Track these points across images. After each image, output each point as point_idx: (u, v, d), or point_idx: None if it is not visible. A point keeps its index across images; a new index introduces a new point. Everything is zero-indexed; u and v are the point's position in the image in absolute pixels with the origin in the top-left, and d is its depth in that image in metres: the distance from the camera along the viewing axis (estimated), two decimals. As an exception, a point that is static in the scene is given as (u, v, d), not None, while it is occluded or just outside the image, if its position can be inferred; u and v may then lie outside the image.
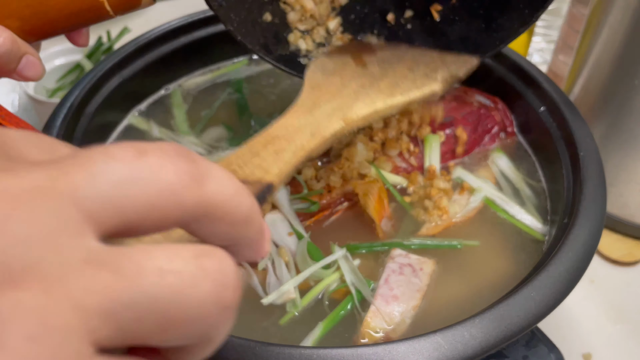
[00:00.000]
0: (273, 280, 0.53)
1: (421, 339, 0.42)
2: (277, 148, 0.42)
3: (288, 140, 0.43)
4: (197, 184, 0.22)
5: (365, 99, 0.51)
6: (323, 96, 0.51)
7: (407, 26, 0.62)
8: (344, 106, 0.50)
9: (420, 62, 0.59)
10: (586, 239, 0.51)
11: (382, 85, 0.54)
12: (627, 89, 0.67)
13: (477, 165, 0.68)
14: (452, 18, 0.61)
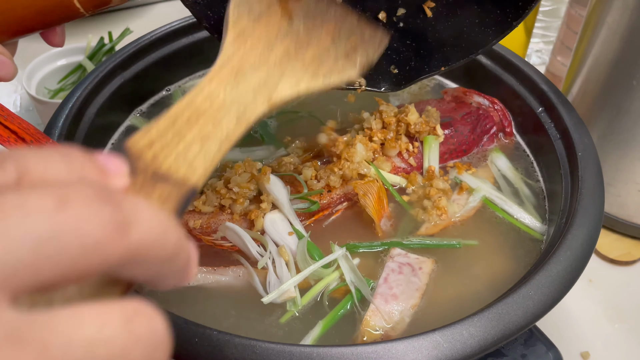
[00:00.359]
0: (273, 279, 0.54)
1: (420, 337, 0.42)
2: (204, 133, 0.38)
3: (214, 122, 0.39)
4: (121, 234, 0.20)
5: (290, 76, 0.48)
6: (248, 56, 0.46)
7: (399, 24, 0.60)
8: (269, 82, 0.46)
9: (342, 31, 0.57)
10: (584, 238, 0.51)
11: (307, 58, 0.51)
12: (625, 90, 0.68)
13: (476, 165, 0.68)
14: (446, 14, 0.59)
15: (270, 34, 0.51)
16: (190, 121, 0.38)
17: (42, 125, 0.94)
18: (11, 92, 1.08)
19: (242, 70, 0.45)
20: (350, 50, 0.55)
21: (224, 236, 0.57)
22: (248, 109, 0.43)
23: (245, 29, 0.49)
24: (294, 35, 0.52)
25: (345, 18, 0.58)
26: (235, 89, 0.43)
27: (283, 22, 0.53)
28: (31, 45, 1.20)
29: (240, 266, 0.55)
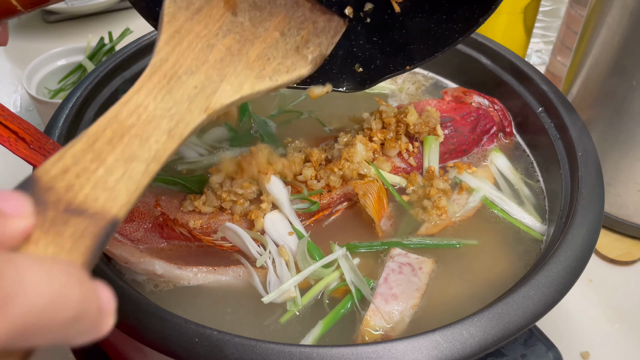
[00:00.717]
0: (273, 279, 0.54)
1: (420, 337, 0.42)
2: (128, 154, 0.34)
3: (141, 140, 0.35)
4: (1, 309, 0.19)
5: (232, 78, 0.44)
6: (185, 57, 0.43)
7: (366, 20, 0.58)
8: (208, 87, 0.42)
9: (293, 22, 0.53)
10: (584, 238, 0.51)
11: (252, 56, 0.47)
12: (625, 90, 0.68)
13: (476, 165, 0.68)
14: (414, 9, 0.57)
15: (210, 31, 0.46)
16: (113, 141, 0.34)
17: (43, 125, 0.94)
18: (11, 92, 1.08)
19: (176, 76, 0.41)
20: (301, 44, 0.52)
21: (224, 236, 0.57)
22: (182, 120, 0.39)
23: (183, 26, 0.45)
24: (237, 30, 0.48)
25: (297, 6, 0.54)
26: (168, 97, 0.39)
27: (226, 16, 0.48)
28: (31, 46, 1.20)
29: (240, 266, 0.55)
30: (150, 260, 0.54)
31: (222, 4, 0.49)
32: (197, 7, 0.47)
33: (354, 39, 0.56)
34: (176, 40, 0.43)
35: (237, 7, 0.50)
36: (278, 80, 0.48)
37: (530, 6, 0.93)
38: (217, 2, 0.49)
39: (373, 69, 0.56)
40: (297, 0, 0.54)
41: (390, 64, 0.56)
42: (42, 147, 0.50)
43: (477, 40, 0.76)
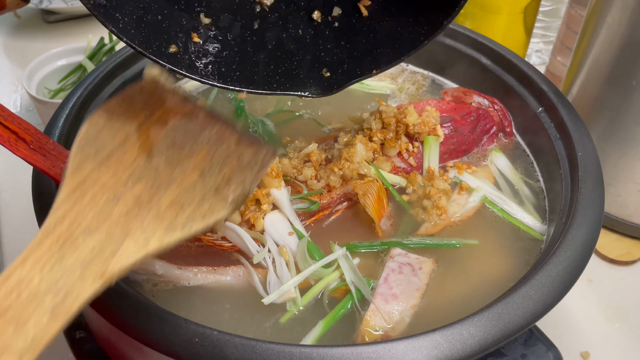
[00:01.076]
0: (273, 280, 0.54)
1: (420, 337, 0.42)
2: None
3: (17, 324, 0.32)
4: None
5: (137, 234, 0.41)
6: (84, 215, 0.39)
7: (334, 24, 0.57)
8: (107, 248, 0.39)
9: (215, 158, 0.49)
10: (584, 238, 0.51)
11: (164, 204, 0.44)
12: (625, 90, 0.68)
13: (476, 165, 0.68)
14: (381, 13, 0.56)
15: (119, 179, 0.43)
16: None
17: (43, 125, 0.94)
18: (11, 92, 1.08)
19: (71, 238, 0.37)
20: (222, 183, 0.48)
21: (224, 236, 0.57)
22: (70, 294, 0.35)
23: (88, 177, 0.42)
24: (150, 176, 0.44)
25: (222, 140, 0.51)
26: (57, 267, 0.35)
27: (139, 160, 0.45)
28: (31, 46, 1.20)
29: (240, 266, 0.55)
30: (150, 260, 0.54)
31: (137, 147, 0.46)
32: (106, 154, 0.44)
33: (322, 44, 0.56)
34: (78, 195, 0.40)
35: (153, 148, 0.46)
36: (192, 229, 0.44)
37: (530, 6, 0.93)
38: (130, 145, 0.45)
39: (340, 74, 0.56)
40: (223, 134, 0.51)
41: (357, 68, 0.55)
42: (42, 147, 0.50)
43: (477, 40, 0.76)
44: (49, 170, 0.50)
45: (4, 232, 0.80)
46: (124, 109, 0.48)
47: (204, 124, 0.51)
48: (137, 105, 0.49)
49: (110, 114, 0.47)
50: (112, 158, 0.44)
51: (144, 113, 0.49)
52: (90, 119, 0.46)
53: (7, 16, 1.30)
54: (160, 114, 0.50)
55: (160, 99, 0.51)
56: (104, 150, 0.44)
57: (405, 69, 0.85)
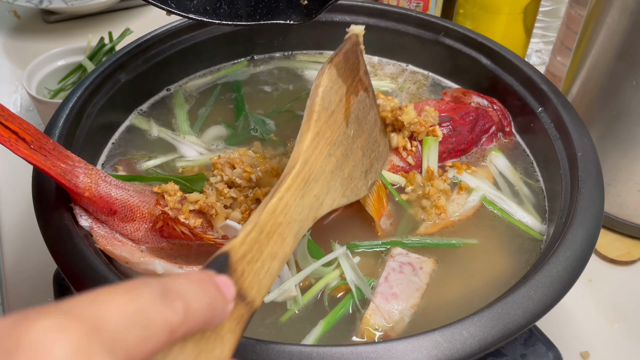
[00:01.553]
0: (274, 279, 0.54)
1: (420, 337, 0.42)
2: (273, 251, 0.37)
3: (281, 240, 0.38)
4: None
5: (332, 193, 0.47)
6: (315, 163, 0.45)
7: None
8: (320, 198, 0.45)
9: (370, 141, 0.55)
10: (584, 238, 0.51)
11: (345, 173, 0.50)
12: (625, 90, 0.68)
13: (476, 165, 0.69)
14: None
15: (333, 138, 0.48)
16: (269, 235, 0.37)
17: (43, 125, 0.94)
18: (11, 92, 1.08)
19: (308, 181, 0.43)
20: (368, 167, 0.55)
21: (225, 235, 0.57)
22: (302, 226, 0.42)
23: (321, 128, 0.47)
24: (345, 143, 0.50)
25: (374, 125, 0.57)
26: (300, 202, 0.42)
27: (342, 126, 0.50)
28: (31, 46, 1.20)
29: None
30: (150, 260, 0.54)
31: (344, 110, 0.51)
32: (332, 110, 0.49)
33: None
34: (315, 143, 0.45)
35: (350, 116, 0.52)
36: (350, 200, 0.50)
37: (530, 6, 0.93)
38: (341, 107, 0.50)
39: (316, 0, 0.62)
40: (377, 119, 0.57)
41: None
42: (42, 147, 0.50)
43: (477, 40, 0.76)
44: (49, 170, 0.50)
45: (4, 232, 0.80)
46: (344, 67, 0.52)
47: (372, 103, 0.57)
48: (349, 65, 0.53)
49: (338, 69, 0.51)
50: (333, 116, 0.49)
51: (351, 76, 0.53)
52: (329, 72, 0.50)
53: (7, 16, 1.30)
54: (357, 82, 0.54)
55: (358, 64, 0.55)
56: (330, 106, 0.49)
57: (405, 69, 0.85)
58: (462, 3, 0.97)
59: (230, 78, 0.83)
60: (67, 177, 0.52)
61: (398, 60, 0.86)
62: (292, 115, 0.77)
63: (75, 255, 0.49)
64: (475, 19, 0.95)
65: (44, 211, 0.53)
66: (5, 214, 0.83)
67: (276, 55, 0.87)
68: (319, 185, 0.44)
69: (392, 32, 0.83)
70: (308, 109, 0.47)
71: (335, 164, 0.48)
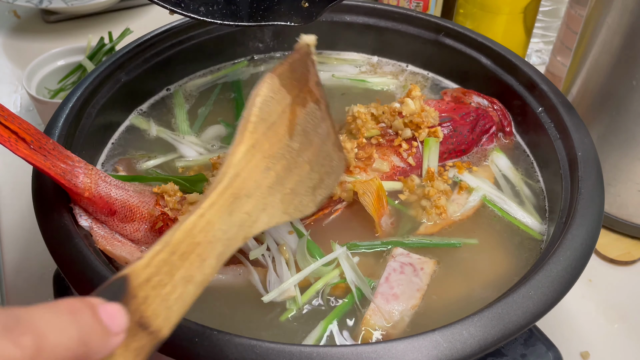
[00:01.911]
0: (273, 278, 0.54)
1: (420, 337, 0.42)
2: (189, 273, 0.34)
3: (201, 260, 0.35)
4: None
5: (269, 209, 0.44)
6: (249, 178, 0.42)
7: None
8: (253, 215, 0.42)
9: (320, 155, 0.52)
10: (584, 238, 0.51)
11: (287, 189, 0.47)
12: (625, 90, 0.68)
13: (476, 165, 0.69)
14: None
15: (272, 151, 0.45)
16: (184, 256, 0.34)
17: (43, 125, 0.94)
18: (11, 92, 1.08)
19: (239, 196, 0.40)
20: (317, 182, 0.51)
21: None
22: (229, 246, 0.38)
23: (258, 140, 0.44)
24: (287, 157, 0.47)
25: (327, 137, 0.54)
26: (227, 219, 0.38)
27: (285, 138, 0.47)
28: (31, 46, 1.20)
29: (240, 265, 0.55)
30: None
31: (287, 122, 0.48)
32: (272, 121, 0.46)
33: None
34: (250, 156, 0.42)
35: (295, 128, 0.49)
36: (292, 218, 0.48)
37: (530, 6, 0.93)
38: (284, 119, 0.48)
39: (317, 3, 0.62)
40: (330, 131, 0.55)
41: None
42: (42, 147, 0.50)
43: (477, 40, 0.76)
44: (49, 170, 0.50)
45: (4, 232, 0.80)
46: (289, 77, 0.50)
47: (323, 115, 0.54)
48: (296, 75, 0.51)
49: (281, 79, 0.49)
50: (273, 127, 0.46)
51: (297, 87, 0.51)
52: (270, 81, 0.47)
53: (7, 16, 1.30)
54: (305, 92, 0.52)
55: (307, 75, 0.53)
56: (271, 117, 0.46)
57: (405, 69, 0.85)
58: (462, 3, 0.97)
59: (230, 78, 0.83)
60: (67, 177, 0.52)
61: (398, 60, 0.86)
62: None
63: (75, 255, 0.49)
64: (475, 19, 0.95)
65: (44, 211, 0.53)
66: (5, 214, 0.83)
67: (276, 55, 0.87)
68: (252, 201, 0.41)
69: (392, 32, 0.83)
70: (243, 120, 0.44)
71: (275, 179, 0.45)
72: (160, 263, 0.32)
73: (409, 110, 0.66)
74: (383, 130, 0.68)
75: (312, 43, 0.55)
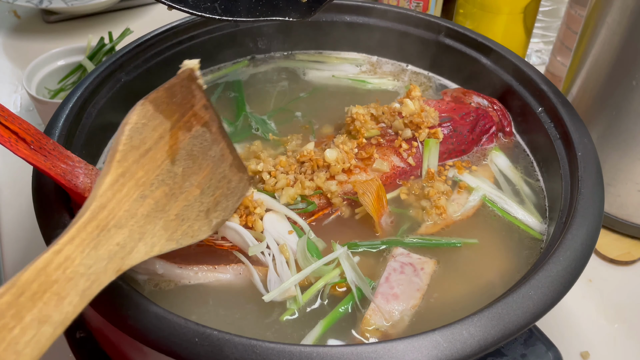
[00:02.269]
0: (274, 278, 0.54)
1: (420, 337, 0.43)
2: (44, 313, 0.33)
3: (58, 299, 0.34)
4: None
5: (148, 238, 0.43)
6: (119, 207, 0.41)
7: None
8: (127, 245, 0.41)
9: (214, 178, 0.52)
10: (584, 238, 0.51)
11: (172, 215, 0.46)
12: (625, 90, 0.68)
13: (476, 165, 0.69)
14: None
15: (148, 179, 0.44)
16: (35, 296, 0.32)
17: (43, 125, 0.94)
18: (11, 92, 1.08)
19: (106, 228, 0.39)
20: (212, 206, 0.51)
21: (224, 236, 0.57)
22: (96, 281, 0.37)
23: (129, 168, 0.43)
24: (169, 182, 0.46)
25: (222, 160, 0.53)
26: (93, 253, 0.37)
27: (165, 163, 0.47)
28: (31, 46, 1.20)
29: (240, 264, 0.55)
30: (150, 259, 0.54)
31: (167, 147, 0.47)
32: (146, 148, 0.45)
33: None
34: (119, 185, 0.42)
35: (177, 153, 0.48)
36: (182, 244, 0.46)
37: (530, 6, 0.93)
38: (163, 144, 0.47)
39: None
40: (224, 153, 0.54)
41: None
42: (43, 147, 0.50)
43: (477, 40, 0.76)
44: (49, 171, 0.50)
45: (4, 232, 0.80)
46: (167, 103, 0.49)
47: (215, 138, 0.53)
48: (176, 100, 0.50)
49: (156, 106, 0.48)
50: (149, 154, 0.46)
51: (179, 112, 0.50)
52: (141, 107, 0.47)
53: (7, 16, 1.30)
54: (189, 117, 0.51)
55: (192, 99, 0.52)
56: (145, 144, 0.45)
57: (405, 69, 0.85)
58: (462, 3, 0.97)
59: (230, 78, 0.83)
60: (67, 178, 0.52)
61: (398, 60, 0.86)
62: (292, 115, 0.77)
63: (75, 255, 0.48)
64: (475, 19, 0.95)
65: (44, 211, 0.53)
66: (5, 214, 0.83)
67: (276, 55, 0.87)
68: (124, 231, 0.40)
69: (392, 32, 0.83)
70: (111, 149, 0.43)
71: (154, 206, 0.44)
72: (4, 306, 0.31)
73: (409, 111, 0.66)
74: (383, 131, 0.68)
75: (195, 67, 0.55)
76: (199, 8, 0.60)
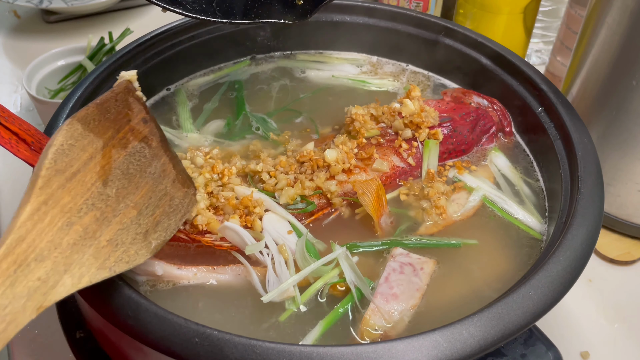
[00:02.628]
0: (272, 278, 0.54)
1: (420, 337, 0.42)
2: None
3: None
4: None
5: (76, 269, 0.40)
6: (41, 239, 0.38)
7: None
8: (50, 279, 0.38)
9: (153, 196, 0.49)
10: (584, 238, 0.51)
11: (103, 240, 0.43)
12: (625, 90, 0.68)
13: (476, 165, 0.69)
14: None
15: (76, 204, 0.42)
16: None
17: (43, 126, 0.94)
18: (11, 92, 1.08)
19: (25, 262, 0.36)
20: (151, 227, 0.48)
21: (222, 237, 0.57)
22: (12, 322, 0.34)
23: (53, 195, 0.40)
24: (100, 206, 0.44)
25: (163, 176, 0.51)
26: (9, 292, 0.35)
27: (96, 186, 0.44)
28: (31, 46, 1.20)
29: (239, 265, 0.55)
30: (150, 260, 0.54)
31: (98, 168, 0.45)
32: (74, 171, 0.43)
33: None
34: (40, 214, 0.39)
35: (110, 174, 0.46)
36: (116, 271, 0.43)
37: (530, 6, 0.93)
38: (93, 166, 0.45)
39: (311, 1, 0.64)
40: (165, 169, 0.51)
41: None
42: (43, 148, 0.50)
43: (477, 40, 0.76)
44: (49, 171, 0.50)
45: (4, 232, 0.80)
46: (98, 120, 0.47)
47: (155, 154, 0.51)
48: (110, 116, 0.48)
49: (86, 124, 0.46)
50: (76, 178, 0.43)
51: (113, 128, 0.48)
52: (68, 127, 0.44)
53: (7, 16, 1.30)
54: (125, 132, 0.49)
55: (129, 113, 0.50)
56: (72, 167, 0.43)
57: (405, 69, 0.85)
58: (462, 3, 0.97)
59: (231, 77, 0.83)
60: (67, 178, 0.52)
61: (398, 60, 0.86)
62: (292, 114, 0.77)
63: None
64: (475, 19, 0.95)
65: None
66: (5, 214, 0.83)
67: (276, 55, 0.87)
68: (46, 264, 0.37)
69: (392, 32, 0.83)
70: (33, 175, 0.40)
71: (82, 233, 0.41)
72: None
73: (409, 111, 0.66)
74: (383, 131, 0.68)
75: (132, 79, 0.52)
76: (194, 10, 0.60)
